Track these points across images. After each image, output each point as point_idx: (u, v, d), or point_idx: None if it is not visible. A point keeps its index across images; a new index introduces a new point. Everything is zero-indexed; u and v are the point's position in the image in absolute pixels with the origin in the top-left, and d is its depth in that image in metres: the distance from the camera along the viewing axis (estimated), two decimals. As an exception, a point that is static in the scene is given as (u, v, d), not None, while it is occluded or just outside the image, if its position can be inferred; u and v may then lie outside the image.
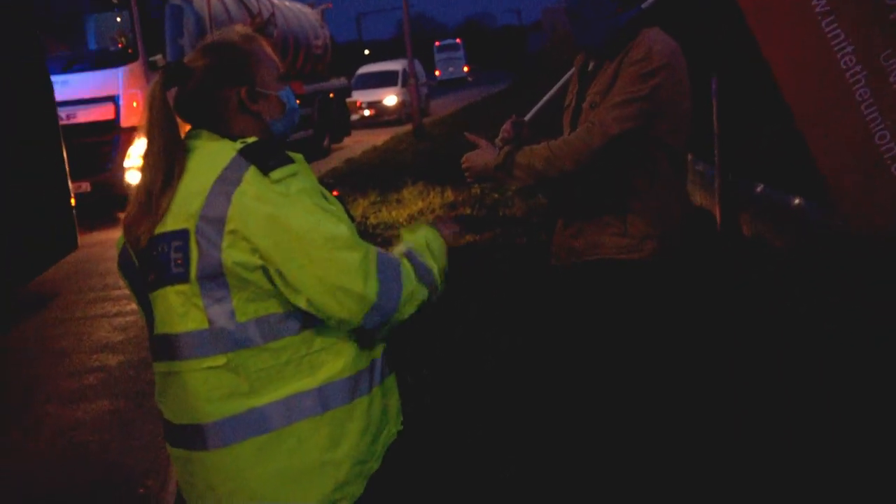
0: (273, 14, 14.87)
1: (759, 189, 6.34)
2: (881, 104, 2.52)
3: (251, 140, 1.74)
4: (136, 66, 10.63)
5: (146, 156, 1.75)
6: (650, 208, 2.50)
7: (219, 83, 1.80)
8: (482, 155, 2.62)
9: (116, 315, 6.45)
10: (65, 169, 7.31)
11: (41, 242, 6.76)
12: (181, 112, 1.81)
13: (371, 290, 1.68)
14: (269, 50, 1.89)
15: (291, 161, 1.71)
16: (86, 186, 10.18)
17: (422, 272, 1.80)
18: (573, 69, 2.77)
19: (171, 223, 1.70)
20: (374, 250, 1.73)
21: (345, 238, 1.67)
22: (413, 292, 1.76)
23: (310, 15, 17.62)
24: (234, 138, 1.76)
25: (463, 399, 3.96)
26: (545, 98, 2.86)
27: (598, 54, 2.59)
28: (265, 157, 1.69)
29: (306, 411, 1.72)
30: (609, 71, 2.50)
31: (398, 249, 1.85)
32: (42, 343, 5.94)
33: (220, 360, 1.70)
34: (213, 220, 1.66)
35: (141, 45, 10.64)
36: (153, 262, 1.73)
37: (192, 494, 1.81)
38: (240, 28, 1.91)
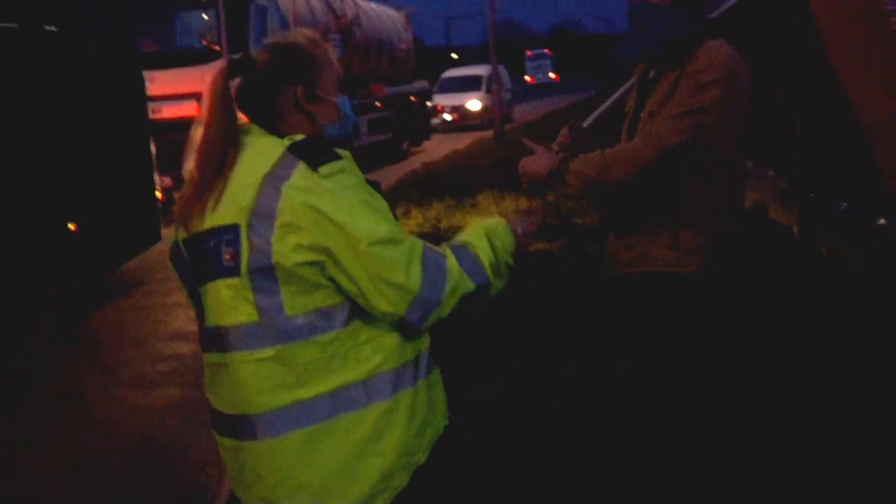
0: (357, 16, 15.09)
1: (841, 207, 6.13)
2: None
3: (299, 137, 1.80)
4: (218, 64, 10.49)
5: (203, 141, 1.81)
6: (702, 221, 2.47)
7: (279, 79, 1.86)
8: (538, 161, 2.63)
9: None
10: (152, 163, 7.59)
11: (127, 233, 7.06)
12: (240, 103, 1.87)
13: (414, 282, 1.73)
14: (332, 57, 1.94)
15: (339, 157, 1.76)
16: (167, 181, 10.27)
17: (469, 265, 1.83)
18: (634, 77, 2.75)
19: (222, 217, 1.75)
20: (419, 244, 1.78)
21: (386, 233, 1.72)
22: (456, 286, 1.79)
23: (395, 18, 17.77)
24: (283, 135, 1.81)
25: (509, 399, 3.96)
26: (605, 105, 2.85)
27: (657, 63, 2.56)
28: (314, 153, 1.75)
29: (352, 403, 1.76)
30: (669, 81, 2.48)
31: (455, 240, 1.90)
32: (121, 329, 6.20)
33: (270, 353, 1.75)
34: (264, 214, 1.71)
35: (225, 44, 10.76)
36: (204, 256, 1.79)
37: (241, 483, 1.86)
38: (307, 31, 1.97)
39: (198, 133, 1.84)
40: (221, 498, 3.55)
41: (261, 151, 1.78)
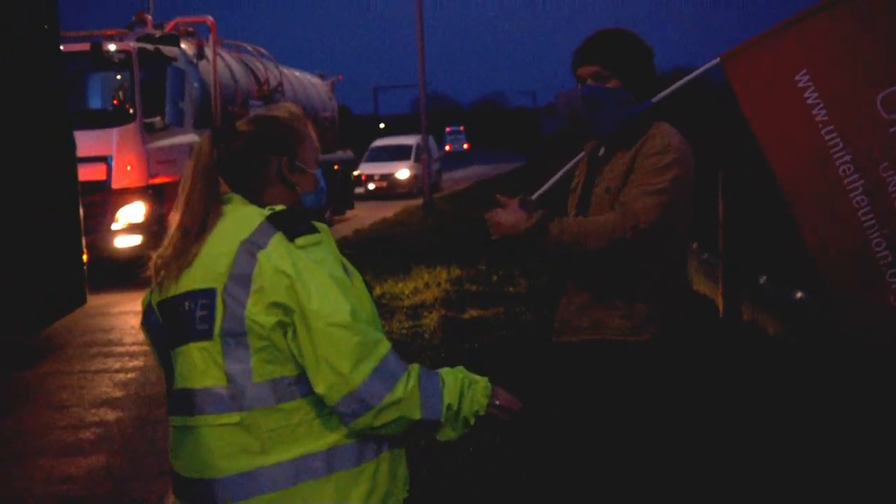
0: (280, 83, 15.02)
1: (761, 281, 6.40)
2: (878, 212, 2.57)
3: (279, 208, 1.85)
4: (131, 128, 10.31)
5: (187, 202, 1.85)
6: (655, 292, 2.56)
7: (263, 149, 1.93)
8: (511, 215, 2.58)
9: (118, 371, 6.47)
10: (80, 224, 7.38)
11: (52, 295, 6.80)
12: (221, 171, 1.92)
13: (356, 376, 1.74)
14: (312, 133, 2.02)
15: (316, 231, 1.81)
16: None
17: (427, 394, 1.81)
18: (583, 154, 2.85)
19: (198, 281, 1.80)
20: (384, 346, 1.79)
21: (344, 318, 1.74)
22: (400, 403, 1.77)
23: (319, 86, 17.80)
24: (263, 205, 1.87)
25: (464, 469, 3.95)
26: (553, 179, 2.94)
27: (610, 142, 2.67)
28: (292, 224, 1.81)
29: (313, 472, 1.77)
30: (625, 159, 2.58)
31: (434, 370, 1.89)
32: (41, 394, 5.96)
33: (235, 418, 1.77)
34: (240, 278, 1.76)
35: (140, 106, 10.37)
36: (179, 318, 1.82)
37: None
38: (290, 106, 2.05)
39: (179, 200, 1.87)
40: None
41: (240, 220, 1.83)
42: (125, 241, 10.04)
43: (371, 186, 24.11)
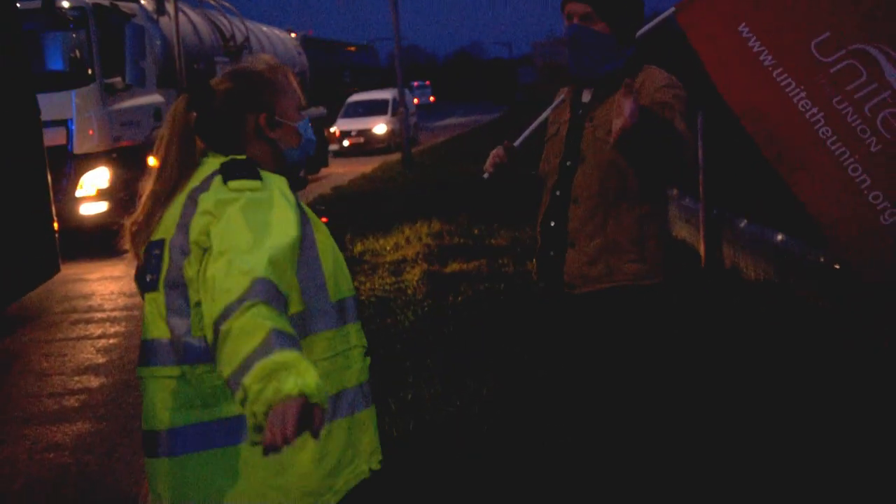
0: (247, 38, 14.74)
1: (742, 224, 6.41)
2: (845, 139, 2.65)
3: (240, 158, 1.82)
4: (91, 89, 9.76)
5: (161, 167, 1.82)
6: (660, 234, 2.58)
7: (239, 107, 1.87)
8: (632, 104, 2.29)
9: (100, 337, 6.42)
10: (48, 191, 7.12)
11: (23, 265, 6.64)
12: (199, 132, 1.87)
13: (219, 303, 1.55)
14: (293, 82, 1.95)
15: (256, 178, 1.75)
16: None
17: (250, 354, 1.49)
18: (560, 99, 2.81)
19: (156, 233, 1.79)
20: (259, 280, 1.56)
21: (241, 250, 1.60)
22: (228, 333, 1.52)
23: (287, 41, 17.45)
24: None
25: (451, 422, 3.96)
26: (533, 125, 2.89)
27: (599, 86, 2.63)
28: (233, 168, 1.76)
29: None
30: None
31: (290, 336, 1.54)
32: (23, 363, 5.90)
33: (176, 371, 1.75)
34: (183, 227, 1.74)
35: (98, 67, 9.80)
36: (143, 271, 1.82)
37: (153, 503, 1.84)
38: (267, 57, 1.98)
39: (155, 160, 1.85)
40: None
41: (201, 171, 1.81)
42: (91, 209, 9.65)
43: (346, 143, 23.87)
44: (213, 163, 1.82)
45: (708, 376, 4.16)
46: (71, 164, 9.56)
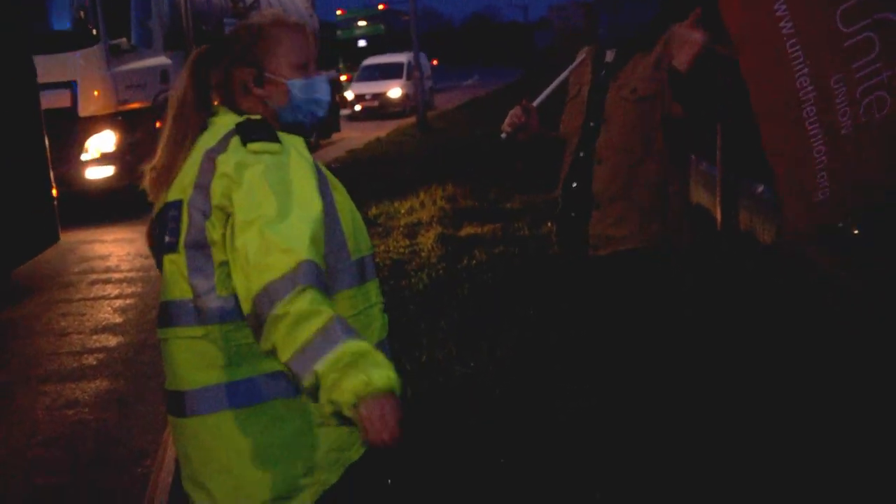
0: (257, 0, 14.54)
1: (759, 189, 6.36)
2: (822, 123, 2.69)
3: (255, 117, 1.81)
4: (96, 50, 9.47)
5: (177, 113, 1.81)
6: (683, 195, 2.58)
7: (233, 62, 1.86)
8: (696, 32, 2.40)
9: (117, 297, 6.48)
10: (46, 157, 6.85)
11: (20, 234, 6.41)
12: (213, 86, 1.87)
13: (257, 281, 1.59)
14: (295, 37, 1.87)
15: (276, 141, 1.73)
16: None
17: (314, 343, 1.54)
18: (582, 58, 2.79)
19: (172, 193, 1.78)
20: (304, 256, 1.59)
21: (269, 218, 1.62)
22: (283, 320, 1.56)
23: (299, 3, 17.27)
24: (242, 113, 1.83)
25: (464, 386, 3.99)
26: (553, 84, 2.86)
27: (627, 46, 2.61)
28: (252, 130, 1.75)
29: (281, 391, 1.73)
30: (647, 62, 2.57)
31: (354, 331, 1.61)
32: (42, 322, 5.97)
33: (199, 331, 1.74)
34: (202, 188, 1.72)
35: (103, 27, 9.56)
36: (159, 232, 1.81)
37: (180, 462, 1.86)
38: (268, 11, 1.95)
39: (169, 111, 1.84)
40: (160, 490, 3.47)
41: (215, 129, 1.79)
42: (97, 173, 9.45)
43: (357, 108, 23.76)
44: (227, 121, 1.80)
45: (723, 341, 4.16)
46: (76, 127, 9.36)
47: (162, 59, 10.87)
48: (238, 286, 1.64)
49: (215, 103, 1.87)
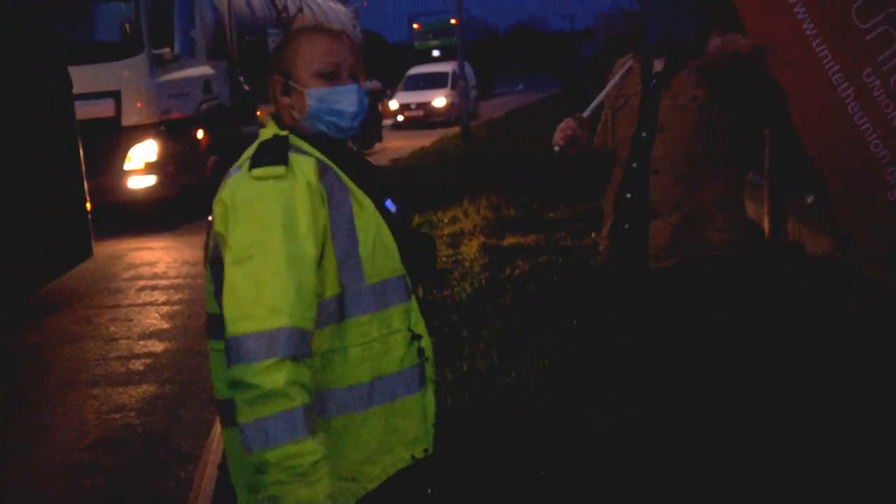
0: (300, 10, 14.44)
1: (809, 200, 6.24)
2: (869, 115, 2.64)
3: (282, 133, 1.79)
4: (140, 60, 9.52)
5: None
6: (741, 200, 2.54)
7: (268, 69, 1.88)
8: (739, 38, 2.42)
9: (164, 304, 6.59)
10: (81, 171, 6.70)
11: (53, 248, 6.24)
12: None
13: (234, 327, 1.62)
14: (321, 44, 1.81)
15: (281, 164, 1.69)
16: None
17: (271, 423, 1.58)
18: (629, 66, 2.74)
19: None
20: (283, 319, 1.61)
21: (261, 261, 1.63)
22: (254, 388, 1.59)
23: (342, 13, 17.18)
24: (283, 125, 1.85)
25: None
26: (603, 93, 2.81)
27: (672, 54, 2.57)
28: (262, 154, 1.73)
29: (321, 411, 1.74)
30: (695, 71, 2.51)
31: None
32: (92, 328, 6.10)
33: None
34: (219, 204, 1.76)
35: (147, 37, 9.57)
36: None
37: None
38: (307, 18, 1.90)
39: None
40: (203, 495, 3.51)
41: (254, 145, 1.81)
42: (139, 182, 9.46)
43: (399, 118, 23.89)
44: (265, 136, 1.81)
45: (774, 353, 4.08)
46: (119, 137, 9.36)
47: (205, 69, 10.89)
48: (223, 309, 1.66)
49: (260, 114, 1.93)
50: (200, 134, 10.38)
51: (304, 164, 1.71)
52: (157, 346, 5.58)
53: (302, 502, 1.57)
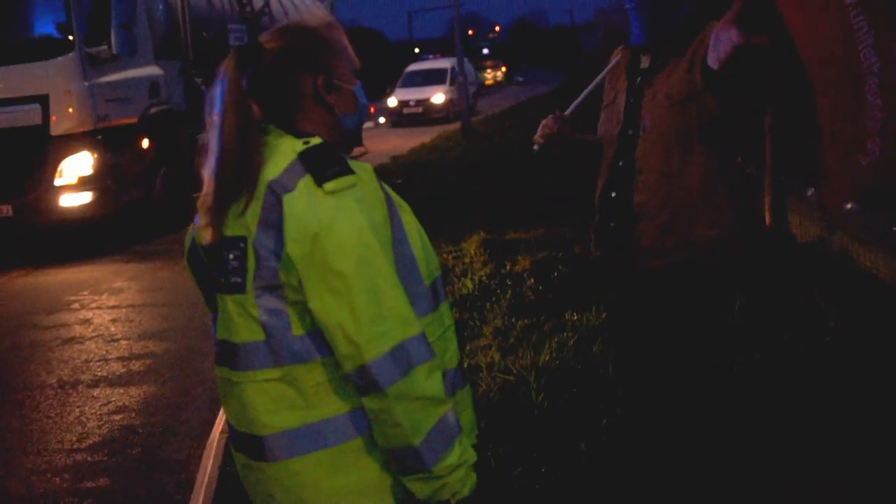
0: (267, 4, 13.28)
1: (809, 192, 6.22)
2: (885, 94, 2.55)
3: (315, 142, 1.66)
4: (69, 59, 8.26)
5: (218, 139, 1.65)
6: (732, 196, 2.47)
7: (294, 68, 1.71)
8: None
9: (165, 305, 6.59)
10: None
11: None
12: (252, 96, 1.70)
13: (370, 351, 1.57)
14: (347, 42, 1.77)
15: (350, 172, 1.62)
16: (6, 210, 8.04)
17: (440, 429, 1.62)
18: (614, 62, 2.71)
19: (231, 227, 1.64)
20: (412, 327, 1.60)
21: (373, 280, 1.57)
22: (408, 400, 1.59)
23: (313, 8, 15.56)
24: (299, 132, 1.68)
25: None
26: (584, 92, 2.79)
27: (658, 50, 2.54)
28: (323, 164, 1.62)
29: (364, 429, 1.66)
30: (682, 65, 2.46)
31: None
32: (92, 328, 6.09)
33: (276, 374, 1.65)
34: (269, 225, 1.59)
35: (78, 33, 8.29)
36: (218, 266, 1.68)
37: (256, 497, 1.78)
38: (321, 13, 1.83)
39: (210, 136, 1.68)
40: (204, 496, 3.51)
41: (273, 156, 1.64)
42: (72, 200, 8.23)
43: (381, 120, 23.83)
44: (284, 146, 1.66)
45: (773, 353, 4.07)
46: (48, 148, 8.14)
47: (152, 70, 9.59)
48: (339, 348, 1.59)
49: (257, 115, 1.73)
50: (146, 143, 9.23)
51: (365, 169, 1.67)
52: (158, 347, 5.58)
53: (468, 484, 1.66)
